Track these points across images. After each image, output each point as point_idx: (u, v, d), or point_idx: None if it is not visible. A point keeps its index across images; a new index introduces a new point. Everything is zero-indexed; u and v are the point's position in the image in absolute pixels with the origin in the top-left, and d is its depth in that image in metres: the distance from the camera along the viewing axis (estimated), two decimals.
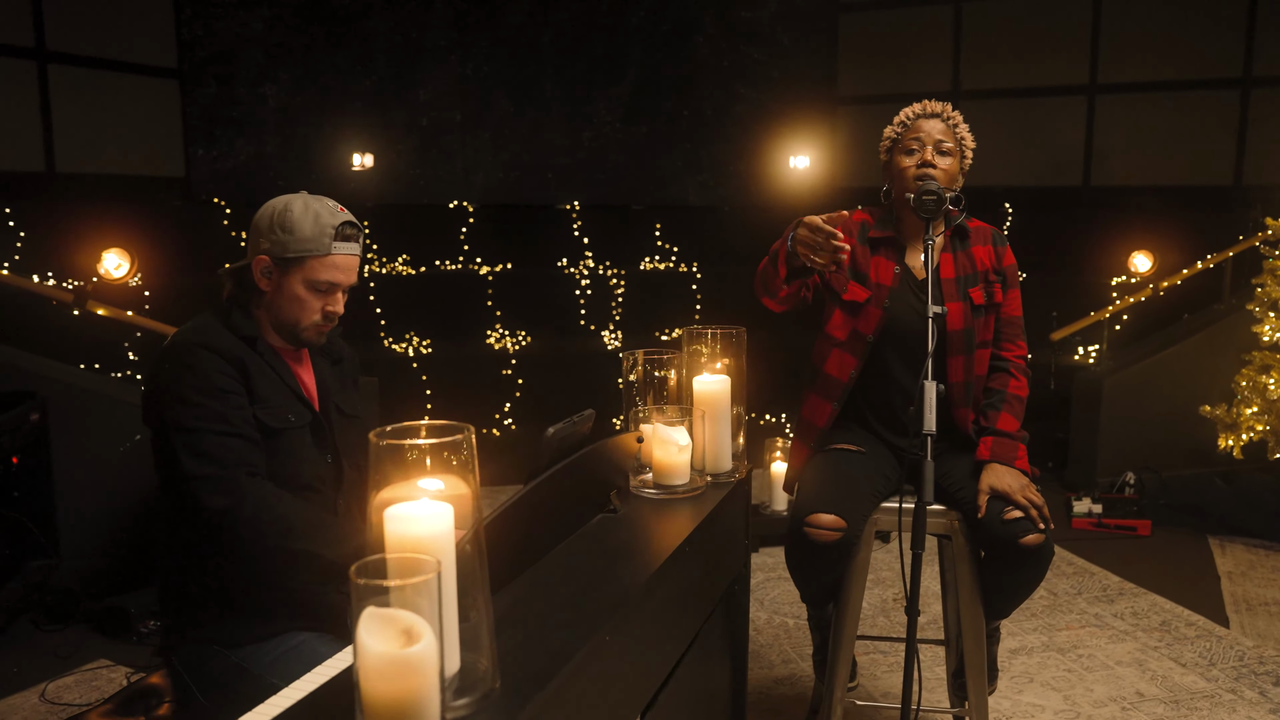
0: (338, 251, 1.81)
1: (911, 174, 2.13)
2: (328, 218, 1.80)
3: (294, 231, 1.78)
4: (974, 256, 2.21)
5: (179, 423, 1.68)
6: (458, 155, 7.30)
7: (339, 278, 1.82)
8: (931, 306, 1.85)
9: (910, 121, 2.19)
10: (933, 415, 1.73)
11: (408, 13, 7.05)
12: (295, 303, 1.81)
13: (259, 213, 1.85)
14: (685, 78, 7.52)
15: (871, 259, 2.19)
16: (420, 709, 0.94)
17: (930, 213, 1.99)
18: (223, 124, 6.76)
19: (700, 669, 1.85)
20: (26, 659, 2.92)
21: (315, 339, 1.87)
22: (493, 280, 6.71)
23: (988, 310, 2.21)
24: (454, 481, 1.06)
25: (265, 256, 1.80)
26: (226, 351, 1.76)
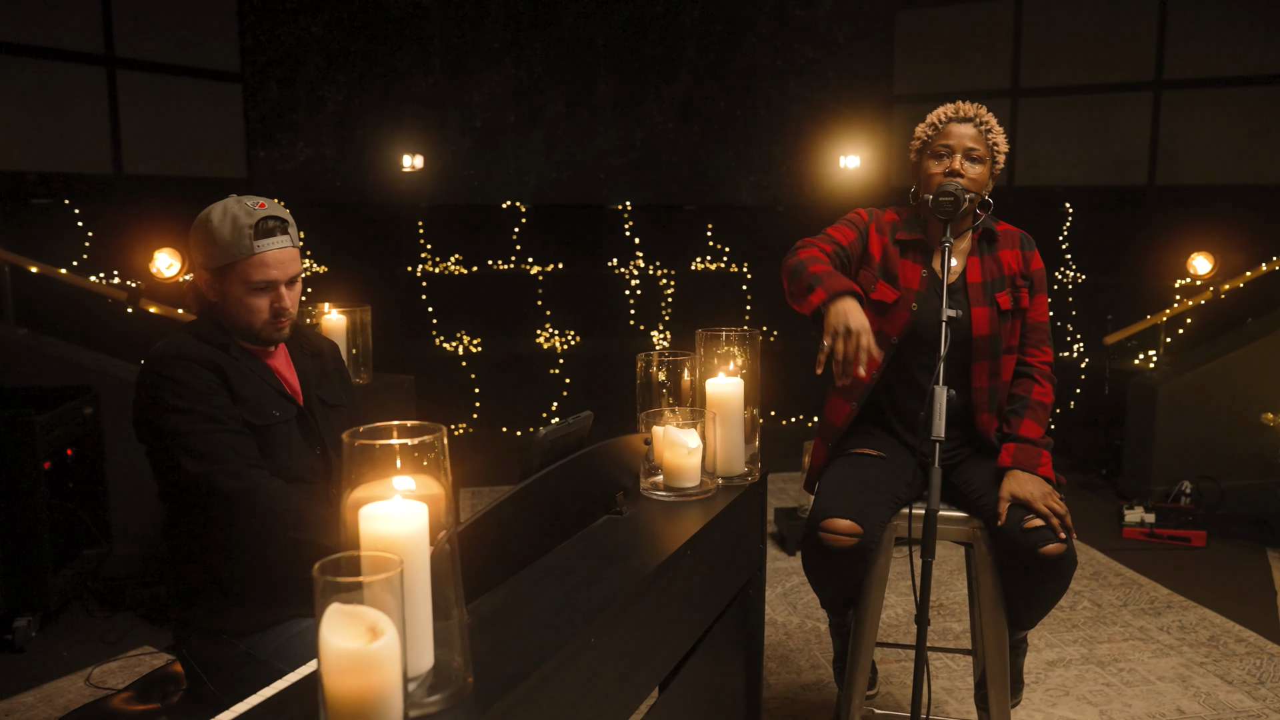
0: (261, 249, 1.79)
1: (938, 181, 2.09)
2: (244, 218, 1.79)
3: (215, 240, 1.79)
4: (1001, 261, 2.17)
5: (173, 429, 1.72)
6: (511, 156, 7.37)
7: (272, 274, 1.81)
8: (945, 310, 1.82)
9: (941, 125, 2.14)
10: (943, 420, 1.70)
11: (463, 15, 7.14)
12: (241, 306, 1.82)
13: (191, 227, 1.86)
14: (739, 77, 7.49)
15: (901, 261, 2.16)
16: (382, 704, 0.95)
17: (946, 214, 1.96)
18: (283, 126, 6.92)
19: (710, 670, 1.84)
20: (77, 644, 3.03)
21: (276, 335, 1.88)
22: (543, 280, 6.76)
23: (1014, 315, 2.16)
24: (427, 481, 1.08)
25: (202, 269, 1.83)
26: (202, 359, 1.79)
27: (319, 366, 2.05)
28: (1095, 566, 3.75)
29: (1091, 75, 6.78)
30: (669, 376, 1.95)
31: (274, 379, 1.90)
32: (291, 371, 1.98)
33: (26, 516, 2.92)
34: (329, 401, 2.00)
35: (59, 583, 3.07)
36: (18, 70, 5.48)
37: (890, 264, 2.16)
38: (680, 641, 1.63)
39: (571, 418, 1.50)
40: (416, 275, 6.55)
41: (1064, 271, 6.42)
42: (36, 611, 3.00)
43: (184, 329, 1.88)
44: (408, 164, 6.70)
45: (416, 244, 6.85)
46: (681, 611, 1.62)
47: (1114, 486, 4.75)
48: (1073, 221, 6.61)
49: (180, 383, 1.74)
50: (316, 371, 2.03)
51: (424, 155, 7.04)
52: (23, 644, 2.95)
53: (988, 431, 2.17)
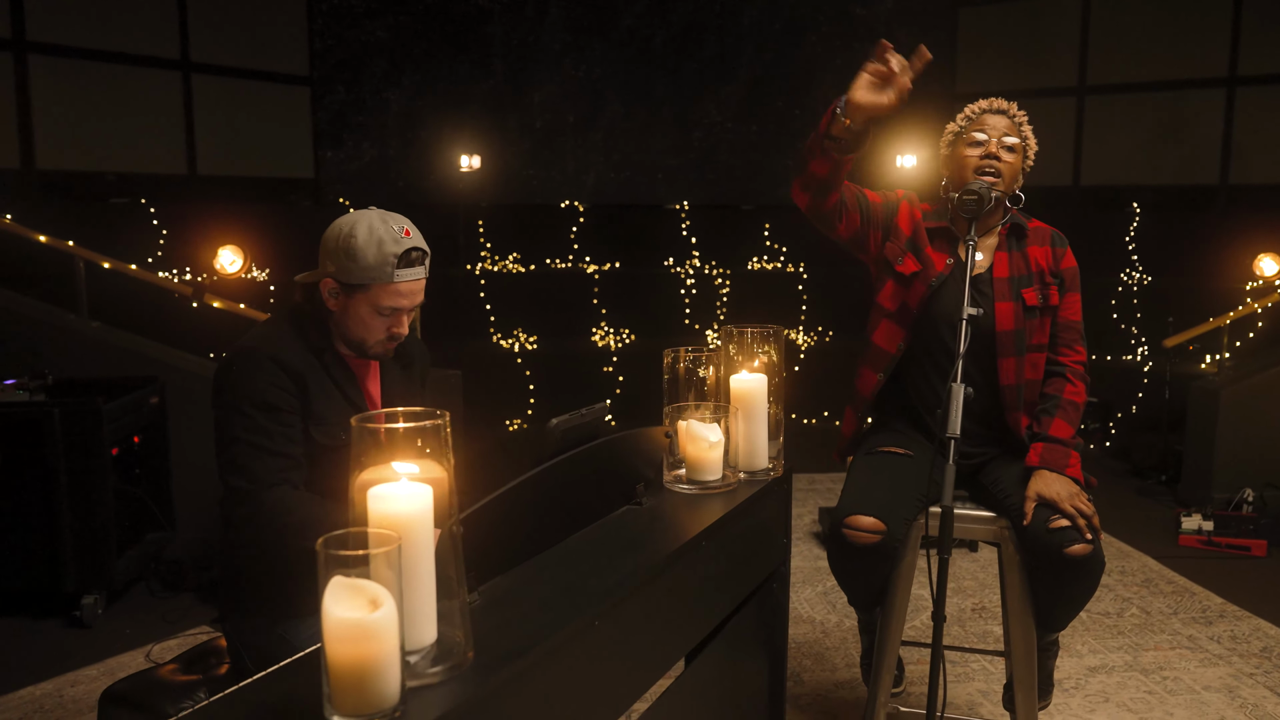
0: (400, 279, 1.81)
1: (974, 164, 2.10)
2: (390, 245, 1.80)
3: (358, 259, 1.79)
4: (1030, 256, 2.16)
5: (226, 428, 1.78)
6: (569, 156, 7.46)
7: (403, 303, 1.84)
8: (966, 308, 1.82)
9: (976, 115, 2.16)
10: (958, 418, 1.70)
11: (524, 18, 7.25)
12: (360, 324, 1.85)
13: (327, 232, 1.87)
14: (798, 76, 7.48)
15: (929, 245, 2.15)
16: (380, 672, 1.01)
17: (971, 213, 1.96)
18: (349, 127, 7.12)
19: (728, 662, 1.87)
20: (139, 622, 3.18)
21: (382, 354, 1.92)
22: (599, 279, 6.83)
23: (1043, 313, 2.14)
24: (430, 465, 1.14)
25: (331, 280, 1.84)
26: (290, 365, 1.81)
27: (407, 379, 2.07)
28: (1147, 574, 3.67)
29: (1161, 72, 6.62)
30: (695, 372, 1.99)
31: (357, 394, 1.92)
32: (376, 385, 2.00)
33: (94, 500, 3.07)
34: None
35: (124, 564, 3.22)
36: (99, 75, 5.75)
37: (919, 241, 2.16)
38: (693, 630, 1.66)
39: (585, 408, 1.54)
40: (475, 273, 6.68)
41: (1129, 273, 6.28)
42: (103, 590, 3.16)
43: (289, 318, 1.90)
44: (465, 164, 6.83)
45: (476, 242, 6.98)
46: (695, 600, 1.65)
47: (1173, 493, 4.64)
48: (1139, 222, 6.45)
49: (257, 385, 1.77)
50: (405, 385, 2.05)
51: (484, 156, 7.17)
52: (89, 620, 3.11)
53: (1018, 429, 2.16)
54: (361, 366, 1.97)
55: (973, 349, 2.12)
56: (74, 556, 3.06)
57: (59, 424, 3.00)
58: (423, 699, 1.06)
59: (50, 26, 5.48)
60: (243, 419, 1.77)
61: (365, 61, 7.07)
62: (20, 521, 3.05)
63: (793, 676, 2.86)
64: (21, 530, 3.05)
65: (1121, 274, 6.27)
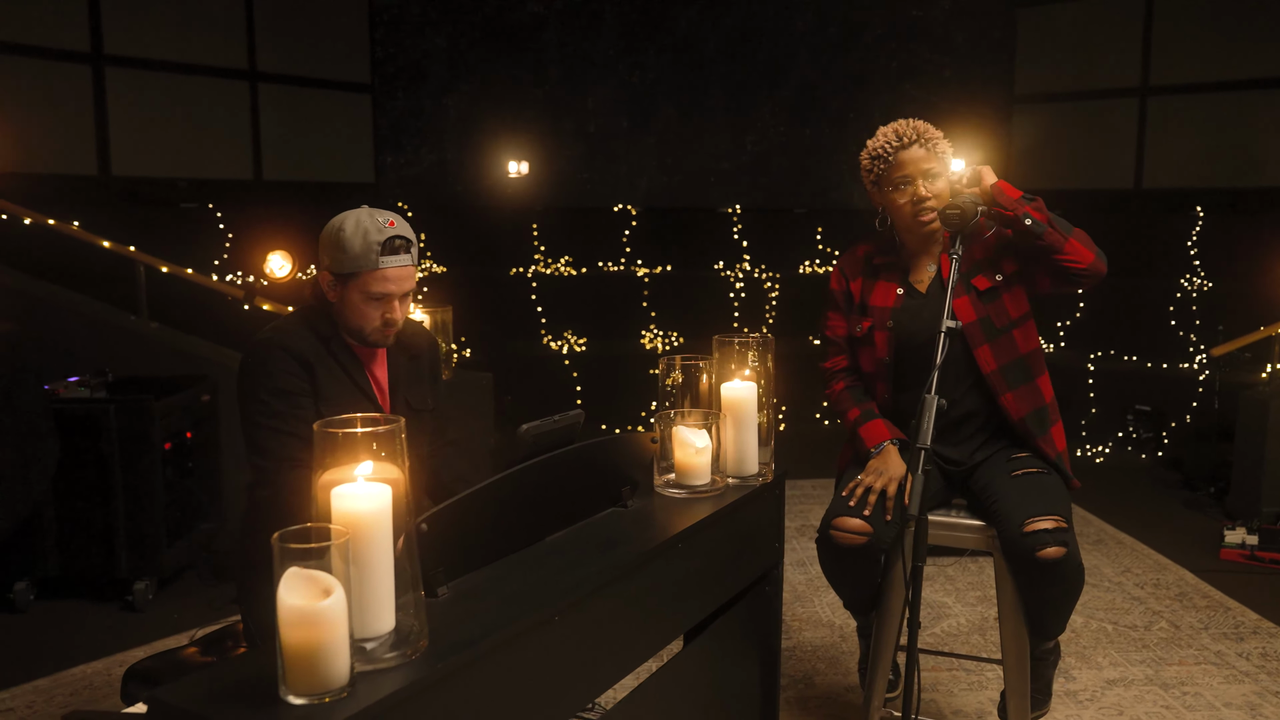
0: (385, 265, 1.96)
1: (909, 212, 2.14)
2: (375, 234, 1.95)
3: (345, 249, 1.95)
4: (971, 251, 2.20)
5: (247, 415, 1.95)
6: (623, 160, 7.55)
7: (390, 288, 1.98)
8: (946, 321, 1.85)
9: (891, 155, 2.16)
10: (929, 430, 1.73)
11: (578, 26, 7.37)
12: (356, 312, 2.00)
13: (323, 230, 2.04)
14: (852, 80, 7.46)
15: (876, 285, 2.22)
16: (329, 655, 1.10)
17: (954, 227, 1.99)
18: (409, 133, 7.32)
19: (712, 661, 1.93)
20: (186, 607, 3.36)
21: (381, 341, 2.06)
22: (649, 282, 6.91)
23: (1006, 285, 2.18)
24: (387, 467, 1.23)
25: (326, 272, 2.00)
26: (299, 353, 1.98)
27: (414, 369, 2.21)
28: (1182, 587, 3.61)
29: (1227, 71, 6.43)
30: (689, 379, 2.05)
31: (363, 379, 2.07)
32: (384, 371, 2.15)
33: (145, 492, 3.26)
34: (415, 406, 2.17)
35: (174, 553, 3.41)
36: (172, 86, 6.02)
37: (866, 295, 2.24)
38: (669, 629, 1.73)
39: (559, 415, 1.62)
40: (528, 276, 6.81)
41: (1189, 278, 6.12)
42: (153, 577, 3.35)
43: (297, 314, 2.09)
44: (514, 170, 6.98)
45: (530, 245, 7.12)
46: (672, 600, 1.72)
47: (1222, 506, 4.53)
48: (1203, 226, 6.28)
49: (270, 374, 1.95)
50: (411, 374, 2.19)
51: (539, 160, 7.31)
52: (141, 605, 3.30)
53: (1013, 410, 2.18)
54: (368, 355, 2.11)
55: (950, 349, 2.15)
56: (127, 544, 3.25)
57: (114, 420, 3.19)
58: (372, 681, 1.15)
59: (126, 40, 5.76)
60: (261, 405, 1.94)
61: (424, 69, 7.26)
62: (78, 510, 3.25)
63: (804, 679, 2.90)
64: (80, 519, 3.25)
65: (1181, 279, 6.11)
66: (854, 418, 2.27)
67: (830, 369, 2.39)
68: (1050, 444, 2.23)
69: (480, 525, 1.48)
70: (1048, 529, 1.95)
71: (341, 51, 7.00)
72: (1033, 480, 2.11)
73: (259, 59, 6.48)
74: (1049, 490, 2.09)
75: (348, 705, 1.09)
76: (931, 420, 1.72)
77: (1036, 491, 2.07)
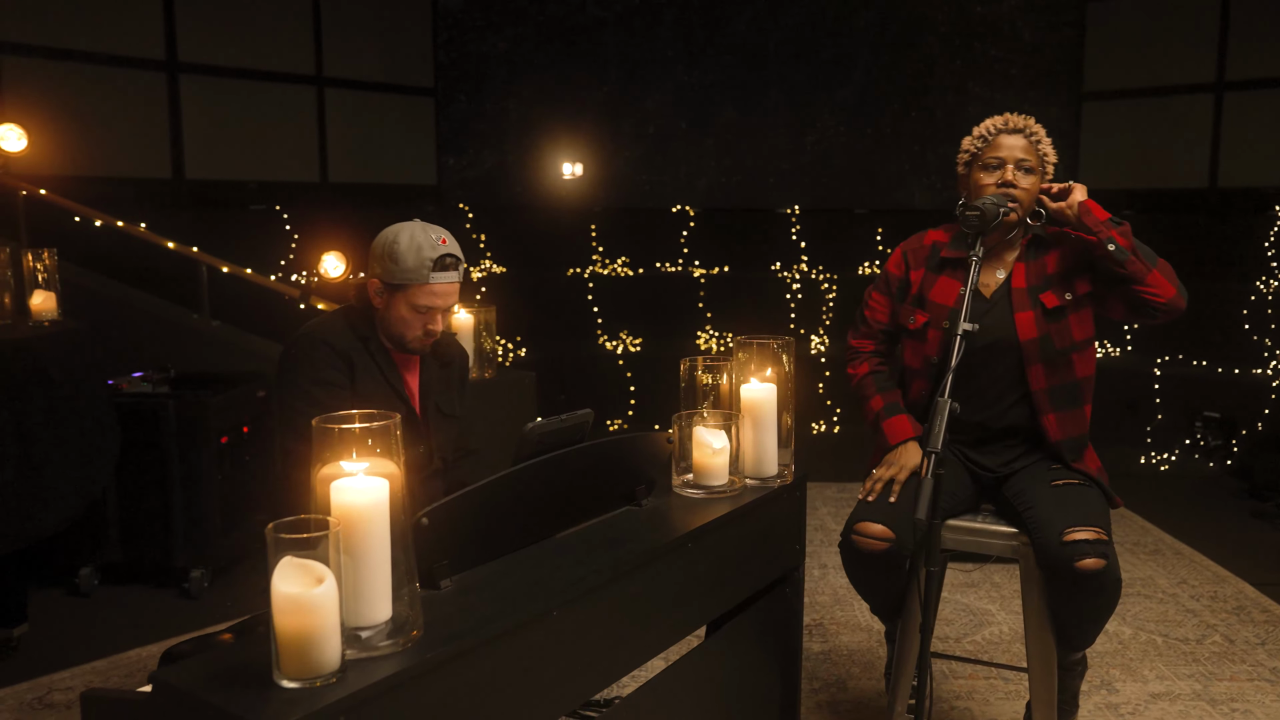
0: (435, 281, 2.06)
1: (990, 191, 2.10)
2: (428, 251, 2.05)
3: (399, 262, 2.05)
4: (1048, 262, 2.15)
5: (286, 402, 2.04)
6: (681, 161, 7.57)
7: (437, 302, 2.09)
8: (962, 324, 1.83)
9: (991, 136, 2.15)
10: (941, 433, 1.71)
11: (638, 26, 7.40)
12: (400, 321, 2.10)
13: (375, 240, 2.13)
14: (915, 78, 7.35)
15: (938, 280, 2.18)
16: (320, 641, 1.14)
17: (973, 228, 1.96)
18: (470, 135, 7.44)
19: (725, 661, 1.94)
20: (240, 596, 3.48)
21: (420, 349, 2.17)
22: (706, 283, 6.91)
23: (1075, 307, 2.13)
24: (383, 463, 1.27)
25: (376, 280, 2.10)
26: (341, 349, 2.09)
27: (445, 376, 2.31)
28: (1240, 600, 3.49)
29: None
30: (710, 380, 2.07)
31: (398, 381, 2.17)
32: (415, 377, 2.24)
33: (201, 484, 3.38)
34: (445, 411, 2.26)
35: (229, 542, 3.54)
36: (242, 91, 6.23)
37: (926, 288, 2.19)
38: (677, 627, 1.74)
39: (566, 414, 1.64)
40: (584, 276, 6.87)
41: (1266, 281, 5.90)
42: (209, 565, 3.47)
43: (341, 312, 2.20)
44: (568, 172, 7.05)
45: (588, 246, 7.18)
46: (682, 599, 1.73)
47: None
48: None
49: (313, 364, 2.05)
50: (441, 380, 2.29)
51: (599, 161, 7.36)
52: (196, 592, 3.43)
53: (1052, 431, 2.14)
54: (402, 360, 2.20)
55: (1004, 361, 2.12)
56: (183, 534, 3.38)
57: (172, 414, 3.32)
58: (363, 668, 1.19)
59: (198, 48, 5.98)
60: (303, 394, 2.03)
61: (486, 72, 7.38)
62: (138, 500, 3.39)
63: (837, 683, 2.88)
64: (140, 508, 3.39)
65: (1257, 282, 5.89)
66: (878, 408, 2.24)
67: (856, 348, 2.36)
68: (1084, 465, 2.19)
69: (485, 521, 1.51)
70: (1088, 540, 1.92)
71: (405, 56, 7.15)
72: (1073, 491, 2.07)
73: (325, 64, 6.66)
74: (1090, 502, 2.04)
75: (337, 689, 1.13)
76: (944, 424, 1.70)
77: (1077, 502, 2.03)
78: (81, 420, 2.90)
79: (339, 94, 6.75)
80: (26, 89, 5.17)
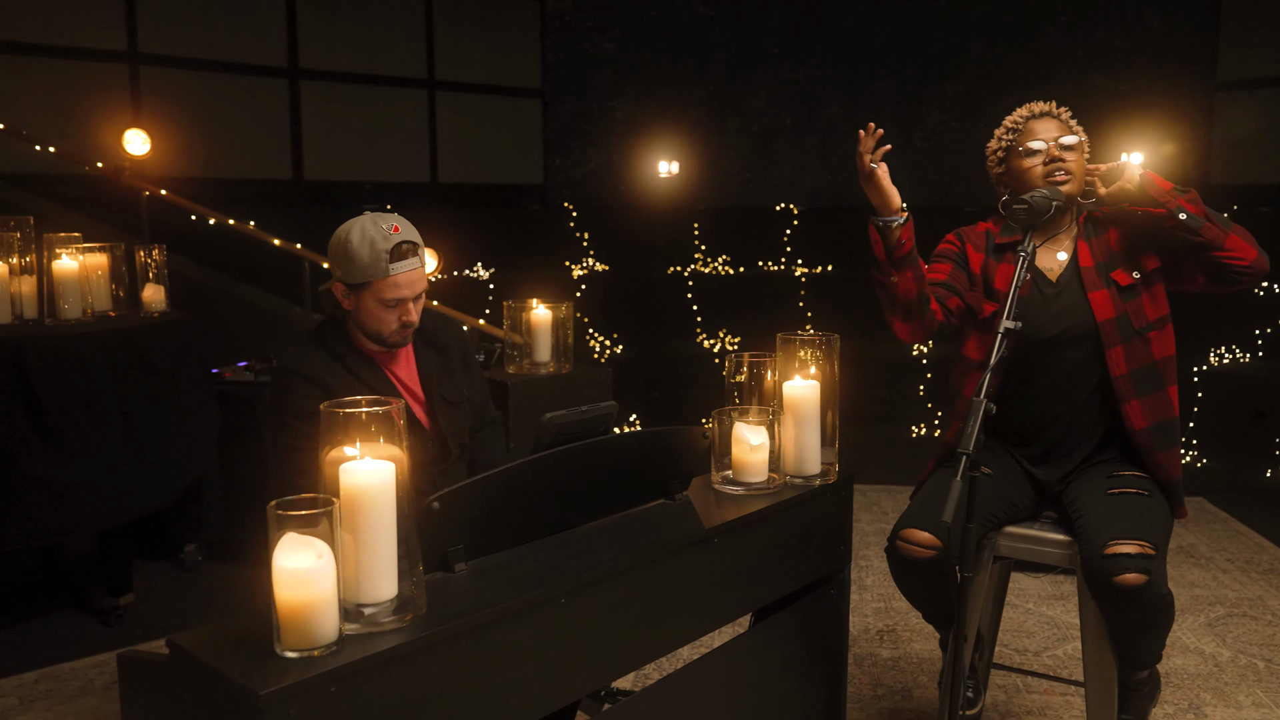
0: (395, 272, 2.00)
1: (1039, 173, 2.03)
2: (381, 243, 1.99)
3: (355, 260, 1.99)
4: (1108, 240, 2.05)
5: (279, 440, 2.03)
6: (786, 159, 7.50)
7: (403, 293, 2.03)
8: (1005, 321, 1.75)
9: (1022, 124, 2.08)
10: (974, 434, 1.64)
11: (744, 24, 7.37)
12: (373, 318, 2.05)
13: (330, 242, 2.08)
14: (1032, 70, 7.07)
15: (999, 267, 2.10)
16: (318, 613, 1.20)
17: (1023, 222, 1.88)
18: (576, 136, 7.56)
19: (763, 661, 1.92)
20: None
21: (400, 342, 2.13)
22: (807, 281, 6.83)
23: (1145, 284, 2.04)
24: (388, 448, 1.32)
25: (340, 283, 2.06)
26: (313, 375, 2.04)
27: (444, 363, 2.25)
28: None
29: None
30: (753, 377, 2.06)
31: (385, 385, 2.13)
32: (412, 372, 2.20)
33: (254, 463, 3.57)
34: (450, 399, 2.23)
35: None
36: (358, 95, 6.51)
37: (989, 276, 2.11)
38: (700, 622, 1.73)
39: (588, 405, 1.66)
40: (684, 275, 6.89)
41: None
42: None
43: (310, 336, 2.15)
44: (664, 171, 7.07)
45: (690, 244, 7.19)
46: (707, 595, 1.72)
47: None
48: None
49: (290, 396, 2.03)
50: (441, 368, 2.24)
51: (702, 160, 7.37)
52: None
53: (1136, 421, 2.03)
54: (388, 358, 2.17)
55: (1079, 350, 2.03)
56: None
57: (268, 401, 3.50)
58: (362, 641, 1.24)
59: (318, 55, 6.27)
60: (289, 429, 2.01)
61: (593, 73, 7.48)
62: (238, 481, 3.59)
63: (903, 691, 2.81)
64: (239, 489, 3.60)
65: None
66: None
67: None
68: (1166, 465, 2.07)
69: (502, 507, 1.54)
70: (1130, 554, 1.81)
71: (514, 58, 7.32)
72: (1128, 501, 1.96)
73: (437, 67, 6.88)
74: (1144, 513, 1.93)
75: (332, 659, 1.19)
76: (978, 425, 1.64)
77: (1128, 513, 1.92)
78: (183, 405, 3.09)
79: (449, 96, 6.97)
80: (161, 97, 5.55)
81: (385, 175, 6.75)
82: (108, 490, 2.84)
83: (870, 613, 3.33)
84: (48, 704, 2.70)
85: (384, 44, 6.64)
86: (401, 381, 2.21)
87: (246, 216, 4.74)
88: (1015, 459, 2.15)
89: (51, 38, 5.15)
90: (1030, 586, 3.52)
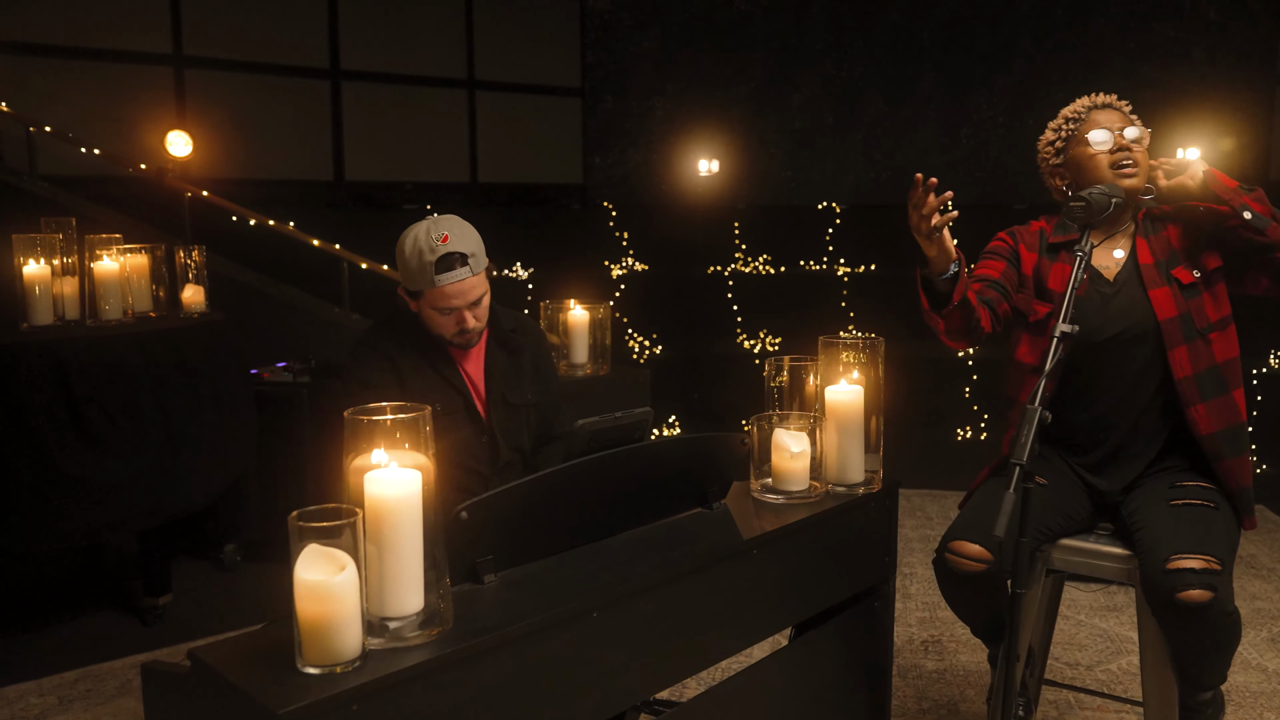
0: (442, 283, 1.98)
1: (1105, 161, 1.94)
2: (428, 254, 1.97)
3: (407, 268, 2.01)
4: (1168, 237, 1.96)
5: (335, 408, 2.04)
6: (828, 156, 7.39)
7: (454, 302, 2.01)
8: (1060, 325, 1.67)
9: (1084, 114, 2.00)
10: (1028, 443, 1.56)
11: (785, 21, 7.27)
12: (432, 321, 2.07)
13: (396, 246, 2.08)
14: (1082, 64, 6.90)
15: (1053, 267, 2.01)
16: (341, 628, 1.16)
17: (1080, 220, 1.79)
18: (616, 135, 7.51)
19: (805, 675, 1.86)
20: None
21: (463, 344, 2.11)
22: (849, 281, 6.72)
23: (1207, 283, 1.94)
24: (414, 455, 1.27)
25: (402, 288, 2.08)
26: (386, 351, 2.08)
27: (513, 365, 2.23)
28: None
29: None
30: (794, 381, 1.99)
31: (455, 375, 2.13)
32: (479, 369, 2.19)
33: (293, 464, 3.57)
34: (512, 401, 2.21)
35: None
36: (398, 96, 6.52)
37: (1042, 277, 2.02)
38: (739, 635, 1.67)
39: (622, 412, 1.60)
40: (725, 274, 6.81)
41: None
42: None
43: (386, 320, 2.19)
44: (704, 169, 7.00)
45: (731, 243, 7.11)
46: (747, 607, 1.66)
47: None
48: None
49: (360, 367, 2.07)
50: (510, 371, 2.22)
51: (744, 158, 7.29)
52: None
53: (1203, 426, 1.94)
54: (461, 352, 2.15)
55: (1139, 351, 1.95)
56: None
57: (306, 401, 3.50)
58: (386, 657, 1.20)
59: (359, 56, 6.30)
60: (349, 398, 2.00)
61: (633, 71, 7.43)
62: (277, 482, 3.59)
63: (949, 705, 2.72)
64: (278, 489, 3.60)
65: None
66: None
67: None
68: (1235, 472, 1.96)
69: (533, 517, 1.49)
70: (1194, 569, 1.72)
71: (554, 57, 7.30)
72: (1193, 513, 1.86)
73: (477, 67, 6.87)
74: (1209, 526, 1.83)
75: (355, 676, 1.14)
76: (1032, 434, 1.56)
77: (1192, 525, 1.82)
78: (220, 406, 3.09)
79: (489, 96, 6.96)
80: (204, 99, 5.60)
81: (425, 175, 6.76)
82: (146, 490, 2.85)
83: (915, 622, 3.24)
84: (86, 704, 2.71)
85: (424, 44, 6.65)
86: (469, 376, 2.18)
87: (288, 217, 4.75)
88: (1072, 468, 2.05)
89: (98, 41, 5.21)
90: (1081, 597, 3.41)
